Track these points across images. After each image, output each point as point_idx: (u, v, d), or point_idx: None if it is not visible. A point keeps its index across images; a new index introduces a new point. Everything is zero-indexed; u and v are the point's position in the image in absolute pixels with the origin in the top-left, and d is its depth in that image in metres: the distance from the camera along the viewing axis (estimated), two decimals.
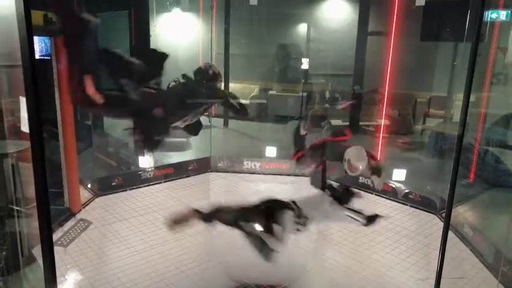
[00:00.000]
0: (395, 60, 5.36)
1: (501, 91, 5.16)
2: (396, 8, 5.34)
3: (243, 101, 8.66)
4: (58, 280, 1.47)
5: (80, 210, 4.07)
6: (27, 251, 2.85)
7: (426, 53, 6.53)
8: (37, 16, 3.20)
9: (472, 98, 1.58)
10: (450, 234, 2.47)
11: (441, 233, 2.23)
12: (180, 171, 5.25)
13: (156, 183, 4.97)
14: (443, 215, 3.33)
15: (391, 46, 5.34)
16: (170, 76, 4.35)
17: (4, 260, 2.62)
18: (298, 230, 2.84)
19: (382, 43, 5.77)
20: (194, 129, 3.54)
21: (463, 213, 4.01)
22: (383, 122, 5.76)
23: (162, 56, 3.62)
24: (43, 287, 1.46)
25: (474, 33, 1.48)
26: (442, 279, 2.14)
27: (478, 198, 4.47)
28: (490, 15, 4.68)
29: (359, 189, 4.98)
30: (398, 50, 5.36)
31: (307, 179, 3.40)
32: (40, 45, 3.96)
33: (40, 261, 2.41)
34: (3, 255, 2.62)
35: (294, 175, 5.20)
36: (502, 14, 4.73)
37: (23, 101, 2.49)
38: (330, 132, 4.12)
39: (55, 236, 3.43)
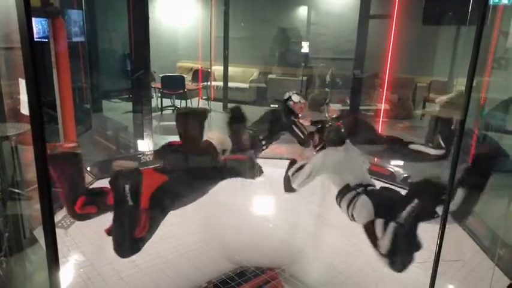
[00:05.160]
0: (396, 45, 5.32)
1: (502, 76, 5.13)
2: None
3: (242, 85, 8.63)
4: (60, 261, 1.49)
5: None
6: (28, 233, 2.88)
7: (427, 37, 6.47)
8: None
9: (473, 82, 1.58)
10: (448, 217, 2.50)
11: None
12: None
13: None
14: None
15: (393, 30, 5.28)
16: (168, 61, 4.34)
17: (7, 242, 2.65)
18: None
19: (383, 27, 5.71)
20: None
21: None
22: (383, 106, 5.76)
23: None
24: (45, 267, 1.47)
25: (479, 17, 1.47)
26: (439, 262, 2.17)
27: None
28: None
29: None
30: (400, 34, 5.31)
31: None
32: (37, 27, 3.91)
33: (41, 242, 2.44)
34: (6, 237, 2.65)
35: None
36: None
37: (22, 83, 2.48)
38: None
39: (56, 218, 3.45)
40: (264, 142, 4.39)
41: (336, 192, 2.90)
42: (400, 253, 2.40)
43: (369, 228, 2.55)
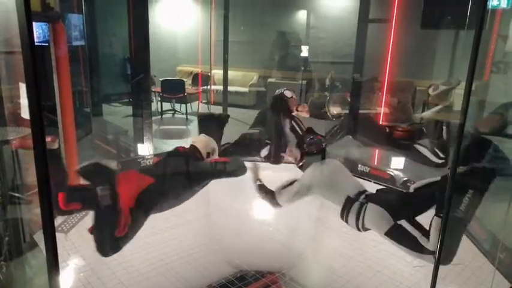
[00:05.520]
0: (395, 48, 5.34)
1: (501, 79, 5.15)
2: None
3: (242, 89, 8.64)
4: (60, 265, 1.49)
5: None
6: (28, 237, 2.87)
7: (426, 41, 6.49)
8: (35, 1, 3.16)
9: (472, 86, 1.59)
10: None
11: None
12: None
13: None
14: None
15: (392, 34, 5.30)
16: (168, 65, 4.36)
17: (7, 246, 2.65)
18: None
19: (382, 31, 5.73)
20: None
21: None
22: (382, 110, 5.77)
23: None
24: (45, 272, 1.47)
25: (477, 21, 1.48)
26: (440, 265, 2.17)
27: None
28: (491, 2, 4.65)
29: (356, 176, 5.05)
30: (399, 38, 5.33)
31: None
32: (38, 32, 3.93)
33: (41, 246, 2.44)
34: (6, 241, 2.65)
35: (292, 162, 5.22)
36: (503, 2, 4.69)
37: (22, 87, 2.48)
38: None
39: (56, 223, 3.44)
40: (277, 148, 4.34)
41: (340, 209, 2.79)
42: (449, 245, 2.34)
43: (397, 233, 2.48)
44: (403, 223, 2.44)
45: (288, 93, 4.55)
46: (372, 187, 4.71)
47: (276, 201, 3.01)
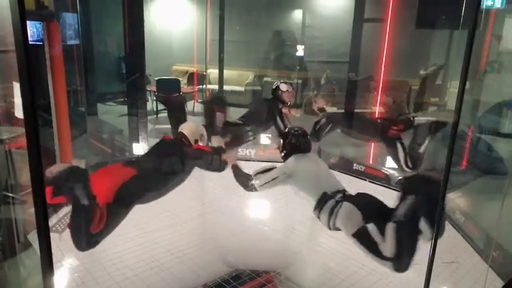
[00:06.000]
0: (390, 48, 5.35)
1: (495, 79, 5.19)
2: None
3: (238, 88, 8.64)
4: (54, 266, 1.48)
5: None
6: (22, 237, 2.86)
7: (421, 41, 6.52)
8: (29, 0, 3.14)
9: (466, 85, 1.59)
10: None
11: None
12: None
13: None
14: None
15: (387, 33, 5.32)
16: (163, 64, 4.35)
17: (1, 246, 2.63)
18: None
19: (377, 30, 5.75)
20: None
21: (455, 199, 4.06)
22: (377, 109, 5.78)
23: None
24: (40, 272, 1.47)
25: (471, 20, 1.49)
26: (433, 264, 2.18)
27: (470, 185, 4.53)
28: (486, 2, 4.67)
29: (351, 175, 5.07)
30: (394, 37, 5.35)
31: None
32: (32, 30, 3.89)
33: (35, 246, 2.42)
34: None
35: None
36: (497, 2, 4.72)
37: (16, 86, 2.47)
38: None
39: (50, 223, 3.43)
40: (251, 133, 4.40)
41: (314, 203, 2.77)
42: (406, 252, 2.34)
43: (362, 235, 2.48)
44: (370, 226, 2.43)
45: (283, 87, 4.64)
46: (366, 186, 4.77)
47: (251, 184, 3.00)
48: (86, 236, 2.40)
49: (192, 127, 3.43)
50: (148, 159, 3.16)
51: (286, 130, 3.30)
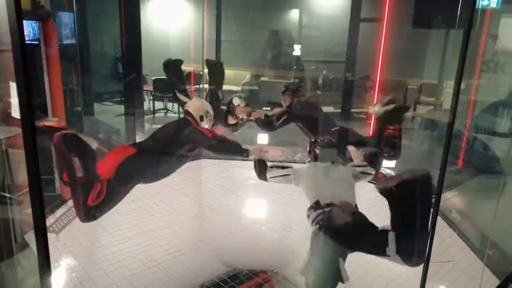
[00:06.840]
0: (387, 47, 5.37)
1: (491, 78, 5.21)
2: None
3: (234, 88, 8.63)
4: (51, 266, 1.48)
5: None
6: (20, 237, 2.85)
7: (418, 40, 6.54)
8: (24, 0, 3.13)
9: (462, 85, 1.60)
10: (438, 219, 2.52)
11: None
12: None
13: None
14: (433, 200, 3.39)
15: (383, 33, 5.33)
16: (160, 64, 4.34)
17: None
18: None
19: (374, 30, 5.77)
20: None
21: (451, 198, 4.08)
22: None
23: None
24: (37, 272, 1.47)
25: (466, 20, 1.50)
26: (430, 263, 2.19)
27: (466, 184, 4.55)
28: (481, 2, 4.69)
29: None
30: (390, 37, 5.36)
31: (299, 166, 3.40)
32: (28, 30, 3.88)
33: (32, 246, 2.42)
34: None
35: (287, 162, 5.23)
36: (493, 1, 4.74)
37: (13, 86, 2.46)
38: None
39: (47, 223, 3.42)
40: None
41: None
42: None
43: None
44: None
45: (235, 101, 4.44)
46: (363, 186, 4.77)
47: (265, 174, 3.04)
48: (84, 207, 2.44)
49: (196, 104, 3.43)
50: (151, 138, 3.19)
51: (313, 139, 3.31)
